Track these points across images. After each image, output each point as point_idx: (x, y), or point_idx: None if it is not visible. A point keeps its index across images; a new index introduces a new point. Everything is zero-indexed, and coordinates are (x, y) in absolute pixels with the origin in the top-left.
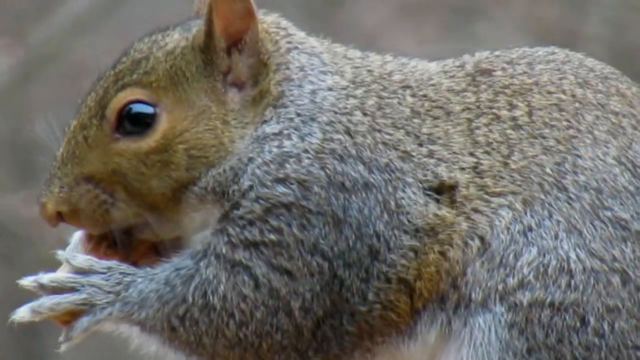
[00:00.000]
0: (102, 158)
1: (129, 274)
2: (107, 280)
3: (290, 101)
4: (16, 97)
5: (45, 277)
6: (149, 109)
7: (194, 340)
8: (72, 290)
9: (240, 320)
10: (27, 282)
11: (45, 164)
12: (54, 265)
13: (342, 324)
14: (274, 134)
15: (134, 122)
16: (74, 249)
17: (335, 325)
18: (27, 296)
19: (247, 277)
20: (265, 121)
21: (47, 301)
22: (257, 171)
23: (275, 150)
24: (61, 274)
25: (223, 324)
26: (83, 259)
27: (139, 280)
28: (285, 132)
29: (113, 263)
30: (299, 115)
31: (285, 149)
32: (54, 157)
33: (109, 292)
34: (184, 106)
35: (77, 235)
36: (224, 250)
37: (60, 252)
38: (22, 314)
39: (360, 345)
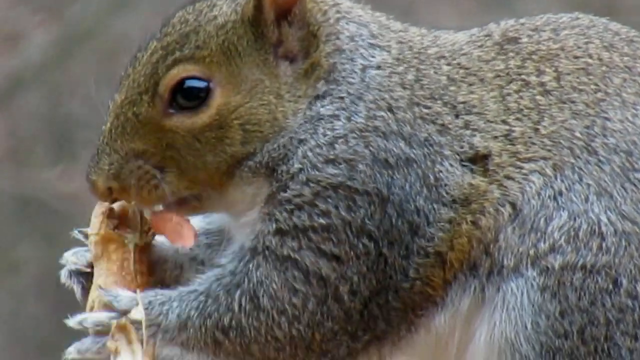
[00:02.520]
0: (154, 134)
1: (166, 302)
2: (148, 315)
3: (343, 77)
4: (53, 74)
5: (89, 321)
6: (202, 84)
7: (240, 350)
8: None
9: (292, 315)
10: (72, 322)
11: (83, 140)
12: None
13: (388, 301)
14: (329, 115)
15: (188, 97)
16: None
17: (381, 303)
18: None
19: (296, 272)
20: (318, 96)
21: (93, 346)
22: (310, 154)
23: (329, 133)
24: (103, 316)
25: (274, 324)
26: (127, 301)
27: (175, 304)
28: (337, 113)
29: (152, 295)
30: (349, 94)
31: (337, 131)
32: (100, 132)
33: (150, 326)
34: (237, 80)
35: (96, 212)
36: (273, 244)
37: (103, 293)
38: (72, 354)
39: (405, 319)
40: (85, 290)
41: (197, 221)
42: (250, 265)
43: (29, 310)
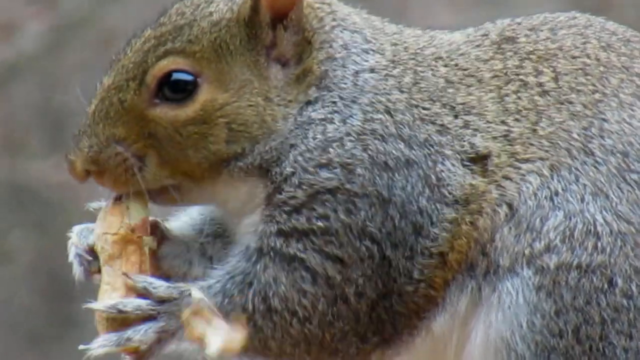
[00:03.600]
0: (137, 122)
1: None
2: (178, 305)
3: (334, 83)
4: (47, 64)
5: (129, 306)
6: (190, 78)
7: (259, 345)
8: (150, 319)
9: (303, 317)
10: (103, 307)
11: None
12: None
13: (392, 305)
14: (320, 119)
15: (174, 89)
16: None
17: (387, 307)
18: (59, 262)
19: (304, 272)
20: (309, 102)
21: (134, 335)
22: (300, 158)
23: (319, 136)
24: (142, 302)
25: (287, 324)
26: (164, 288)
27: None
28: (329, 116)
29: (183, 285)
30: (341, 98)
31: (329, 134)
32: (84, 114)
33: (180, 317)
34: (226, 79)
35: (113, 211)
36: (277, 245)
37: (139, 279)
38: (102, 347)
39: (410, 324)
40: (88, 272)
41: (200, 209)
42: (258, 267)
43: (21, 299)
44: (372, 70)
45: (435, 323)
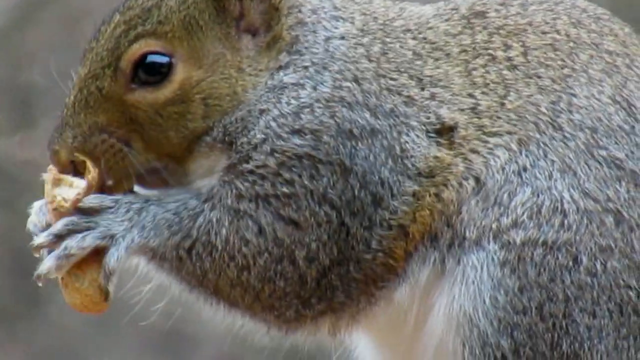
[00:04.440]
0: (117, 109)
1: (137, 202)
2: (117, 211)
3: (305, 48)
4: (14, 40)
5: (59, 225)
6: (164, 59)
7: (199, 273)
8: (89, 229)
9: (241, 264)
10: (41, 239)
11: (44, 107)
12: None
13: (349, 271)
14: (292, 84)
15: (150, 72)
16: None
17: (342, 274)
18: (26, 240)
19: (251, 223)
20: (280, 67)
21: (72, 243)
22: (273, 124)
23: (293, 102)
24: (73, 217)
25: (225, 265)
26: (92, 198)
27: (152, 207)
28: (301, 81)
29: (120, 196)
30: (313, 63)
31: (302, 100)
32: (64, 104)
33: (123, 221)
34: (199, 55)
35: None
36: (229, 202)
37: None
38: (48, 266)
39: (366, 291)
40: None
41: None
42: (206, 205)
43: None
44: (342, 38)
45: (397, 293)
